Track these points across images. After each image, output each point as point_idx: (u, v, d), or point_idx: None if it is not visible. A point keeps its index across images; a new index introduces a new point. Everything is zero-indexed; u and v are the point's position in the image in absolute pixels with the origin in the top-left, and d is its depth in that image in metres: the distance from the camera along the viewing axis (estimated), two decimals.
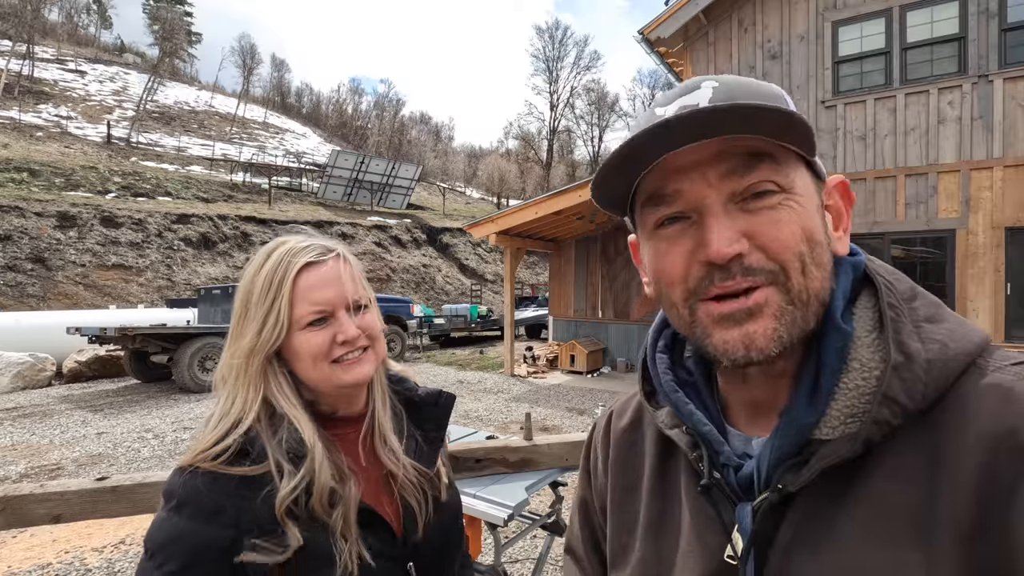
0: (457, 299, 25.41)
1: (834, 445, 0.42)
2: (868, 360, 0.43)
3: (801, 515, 0.43)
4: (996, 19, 6.67)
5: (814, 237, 0.44)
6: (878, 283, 0.46)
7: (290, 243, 0.85)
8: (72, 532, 3.71)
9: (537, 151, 58.97)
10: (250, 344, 0.80)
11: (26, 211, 18.04)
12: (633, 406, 0.65)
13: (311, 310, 0.80)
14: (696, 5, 8.10)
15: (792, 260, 0.42)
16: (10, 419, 7.20)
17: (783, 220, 0.43)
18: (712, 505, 0.49)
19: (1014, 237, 6.59)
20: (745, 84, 0.45)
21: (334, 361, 0.82)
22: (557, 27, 66.28)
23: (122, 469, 5.22)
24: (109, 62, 54.14)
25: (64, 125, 33.79)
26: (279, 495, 0.73)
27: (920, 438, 0.41)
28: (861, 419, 0.42)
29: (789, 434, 0.44)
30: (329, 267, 0.84)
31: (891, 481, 0.41)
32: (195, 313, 11.35)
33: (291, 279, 0.80)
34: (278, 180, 31.86)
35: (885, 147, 7.27)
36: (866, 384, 0.42)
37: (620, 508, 0.60)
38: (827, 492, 0.43)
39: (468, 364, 12.26)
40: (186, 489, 0.73)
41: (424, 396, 0.98)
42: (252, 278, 0.83)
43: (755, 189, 0.43)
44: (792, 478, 0.43)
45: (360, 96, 71.19)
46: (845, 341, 0.44)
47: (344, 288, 0.83)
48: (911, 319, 0.44)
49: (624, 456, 0.62)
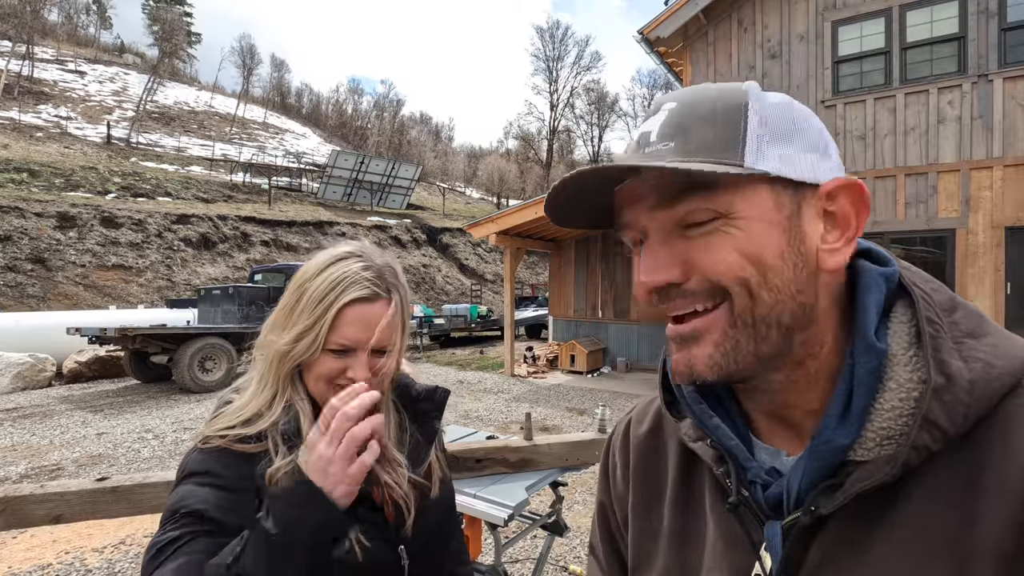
0: (457, 299, 25.41)
1: (870, 468, 0.41)
2: (905, 380, 0.41)
3: (833, 537, 0.43)
4: (996, 19, 6.67)
5: (762, 260, 0.42)
6: (915, 295, 0.44)
7: (352, 266, 0.86)
8: (72, 533, 3.71)
9: (537, 151, 58.97)
10: (287, 348, 0.84)
11: (26, 211, 18.04)
12: (653, 412, 0.64)
13: (339, 340, 0.84)
14: (696, 5, 8.10)
15: (732, 284, 0.42)
16: (10, 420, 7.19)
17: (717, 246, 0.43)
18: (739, 522, 0.48)
19: (1014, 237, 6.59)
20: (697, 105, 0.44)
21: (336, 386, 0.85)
22: (557, 27, 66.22)
23: (122, 470, 5.22)
24: (109, 62, 54.14)
25: (64, 125, 33.79)
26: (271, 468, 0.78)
27: (961, 460, 0.39)
28: (898, 442, 0.40)
29: (823, 455, 0.43)
30: (374, 310, 0.85)
31: (929, 503, 0.39)
32: (195, 313, 11.34)
33: (337, 308, 0.83)
34: (278, 180, 31.86)
35: (885, 147, 7.27)
36: (903, 406, 0.41)
37: (641, 518, 0.59)
38: (860, 514, 0.42)
39: (468, 364, 12.26)
40: (194, 459, 0.82)
41: (421, 392, 1.00)
42: (312, 279, 0.86)
43: (689, 219, 0.43)
44: (826, 501, 0.42)
45: (360, 96, 71.28)
46: (880, 360, 0.42)
47: (379, 334, 0.86)
48: (951, 334, 0.41)
49: (644, 464, 0.61)
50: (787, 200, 0.43)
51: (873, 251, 0.49)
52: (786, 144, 0.43)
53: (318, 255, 0.89)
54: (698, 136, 0.43)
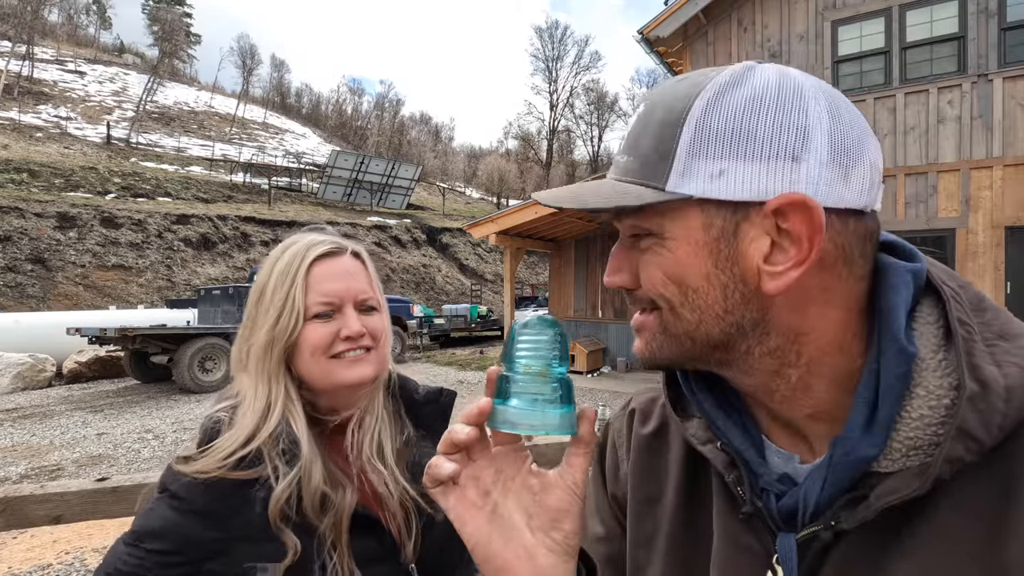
0: (457, 299, 25.41)
1: (896, 481, 0.38)
2: (935, 387, 0.38)
3: (851, 551, 0.40)
4: (995, 18, 6.67)
5: (684, 281, 0.42)
6: (945, 294, 0.41)
7: (308, 238, 0.87)
8: (72, 533, 3.70)
9: (537, 151, 59.01)
10: (268, 336, 0.81)
11: (26, 212, 18.05)
12: (659, 411, 0.60)
13: (319, 300, 0.82)
14: (696, 4, 8.10)
15: (659, 299, 0.44)
16: (10, 420, 7.19)
17: (648, 263, 0.44)
18: (751, 532, 0.46)
19: (1014, 236, 6.59)
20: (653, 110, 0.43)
21: (333, 356, 0.82)
22: (556, 27, 66.26)
23: (122, 470, 5.22)
24: (109, 63, 54.17)
25: (64, 126, 33.81)
26: (273, 494, 0.74)
27: (989, 471, 0.37)
28: (927, 452, 0.38)
29: (846, 467, 0.40)
30: (342, 262, 0.85)
31: (956, 517, 0.37)
32: (195, 314, 11.35)
33: (305, 268, 0.82)
34: (278, 180, 31.88)
35: (885, 146, 7.27)
36: (933, 414, 0.38)
37: (638, 520, 0.56)
38: (881, 528, 0.39)
39: (468, 364, 12.25)
40: (183, 485, 0.75)
41: (425, 395, 0.98)
42: (269, 270, 0.84)
43: (632, 233, 0.45)
44: (848, 515, 0.39)
45: (360, 96, 71.31)
46: (909, 365, 0.39)
47: (354, 284, 0.85)
48: (983, 336, 0.39)
49: (646, 463, 0.58)
50: (719, 220, 0.40)
51: (898, 245, 0.45)
52: (725, 157, 0.39)
53: (263, 265, 0.88)
54: (643, 150, 0.42)
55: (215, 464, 0.75)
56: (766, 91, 0.39)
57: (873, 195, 0.41)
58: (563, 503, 0.47)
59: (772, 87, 0.39)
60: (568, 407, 0.45)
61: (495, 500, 0.47)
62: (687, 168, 0.40)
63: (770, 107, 0.39)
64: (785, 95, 0.39)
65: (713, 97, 0.40)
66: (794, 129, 0.38)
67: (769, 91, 0.39)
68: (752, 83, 0.40)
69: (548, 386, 0.45)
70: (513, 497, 0.47)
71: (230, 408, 0.83)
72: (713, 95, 0.40)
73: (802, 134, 0.38)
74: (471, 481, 0.47)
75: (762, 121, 0.38)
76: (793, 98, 0.39)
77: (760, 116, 0.39)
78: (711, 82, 0.40)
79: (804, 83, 0.40)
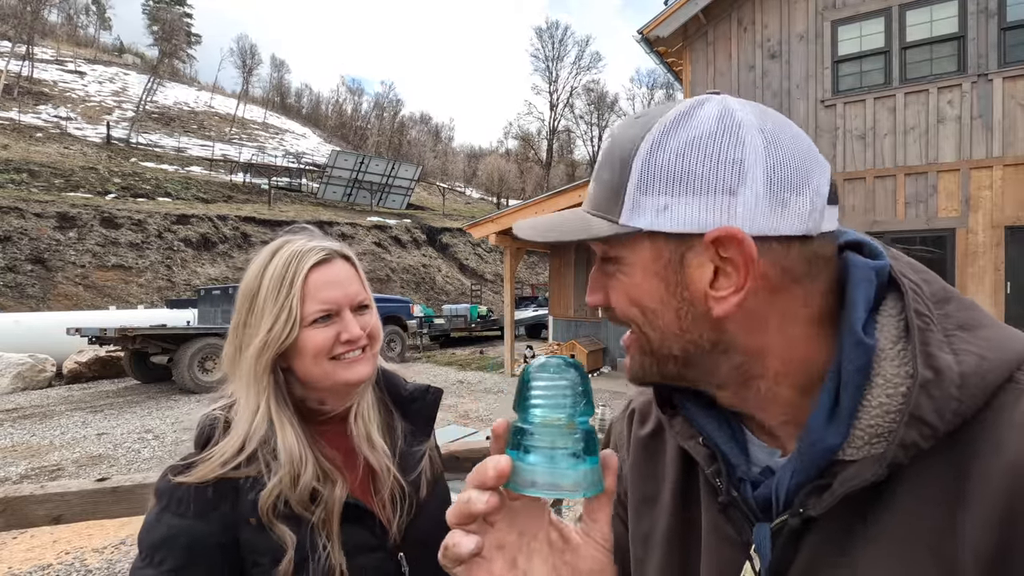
0: (457, 299, 25.41)
1: (857, 468, 0.39)
2: (893, 375, 0.40)
3: (821, 537, 0.42)
4: (995, 18, 6.67)
5: (643, 304, 0.46)
6: (904, 286, 0.42)
7: (297, 242, 0.87)
8: (72, 533, 3.71)
9: (537, 151, 58.99)
10: (262, 341, 0.82)
11: (26, 212, 18.04)
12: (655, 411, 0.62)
13: (318, 308, 0.83)
14: (696, 4, 8.10)
15: (626, 319, 0.47)
16: (10, 420, 7.20)
17: (615, 287, 0.47)
18: (729, 522, 0.48)
19: (1014, 236, 6.59)
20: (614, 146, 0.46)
21: (333, 358, 0.85)
22: (556, 27, 66.23)
23: (122, 470, 5.22)
24: (108, 63, 54.16)
25: (64, 126, 33.80)
26: (263, 491, 0.77)
27: (947, 456, 0.38)
28: (887, 439, 0.39)
29: (811, 456, 0.41)
30: (337, 268, 0.87)
31: (915, 503, 0.39)
32: (195, 314, 11.36)
33: (302, 277, 0.83)
34: (278, 181, 31.89)
35: (885, 146, 7.28)
36: (891, 402, 0.39)
37: (637, 518, 0.58)
38: (849, 514, 0.41)
39: (468, 364, 12.26)
40: (181, 491, 0.77)
41: (412, 391, 1.00)
42: (258, 275, 0.85)
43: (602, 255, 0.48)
44: (815, 502, 0.41)
45: (360, 96, 71.28)
46: (868, 356, 0.41)
47: (351, 289, 0.87)
48: (942, 327, 0.40)
49: (643, 464, 0.60)
50: (667, 251, 0.43)
51: (865, 245, 0.47)
52: (668, 193, 0.41)
53: (249, 268, 0.87)
54: (603, 183, 0.46)
55: (212, 474, 0.77)
56: (705, 129, 0.41)
57: (816, 220, 0.42)
58: (597, 563, 0.47)
59: (711, 125, 0.41)
60: (594, 459, 0.43)
61: (523, 569, 0.45)
62: (636, 203, 0.43)
63: (707, 145, 0.41)
64: (723, 132, 0.41)
65: (659, 137, 0.42)
66: (730, 164, 0.40)
67: (707, 129, 0.41)
68: (693, 122, 0.42)
69: (571, 438, 0.41)
70: (539, 559, 0.46)
71: (225, 407, 0.86)
72: (659, 135, 0.42)
73: (737, 169, 0.40)
74: (496, 552, 0.45)
75: (699, 159, 0.41)
76: (730, 135, 0.41)
77: (698, 154, 0.41)
78: (657, 123, 0.43)
79: (744, 119, 0.41)
